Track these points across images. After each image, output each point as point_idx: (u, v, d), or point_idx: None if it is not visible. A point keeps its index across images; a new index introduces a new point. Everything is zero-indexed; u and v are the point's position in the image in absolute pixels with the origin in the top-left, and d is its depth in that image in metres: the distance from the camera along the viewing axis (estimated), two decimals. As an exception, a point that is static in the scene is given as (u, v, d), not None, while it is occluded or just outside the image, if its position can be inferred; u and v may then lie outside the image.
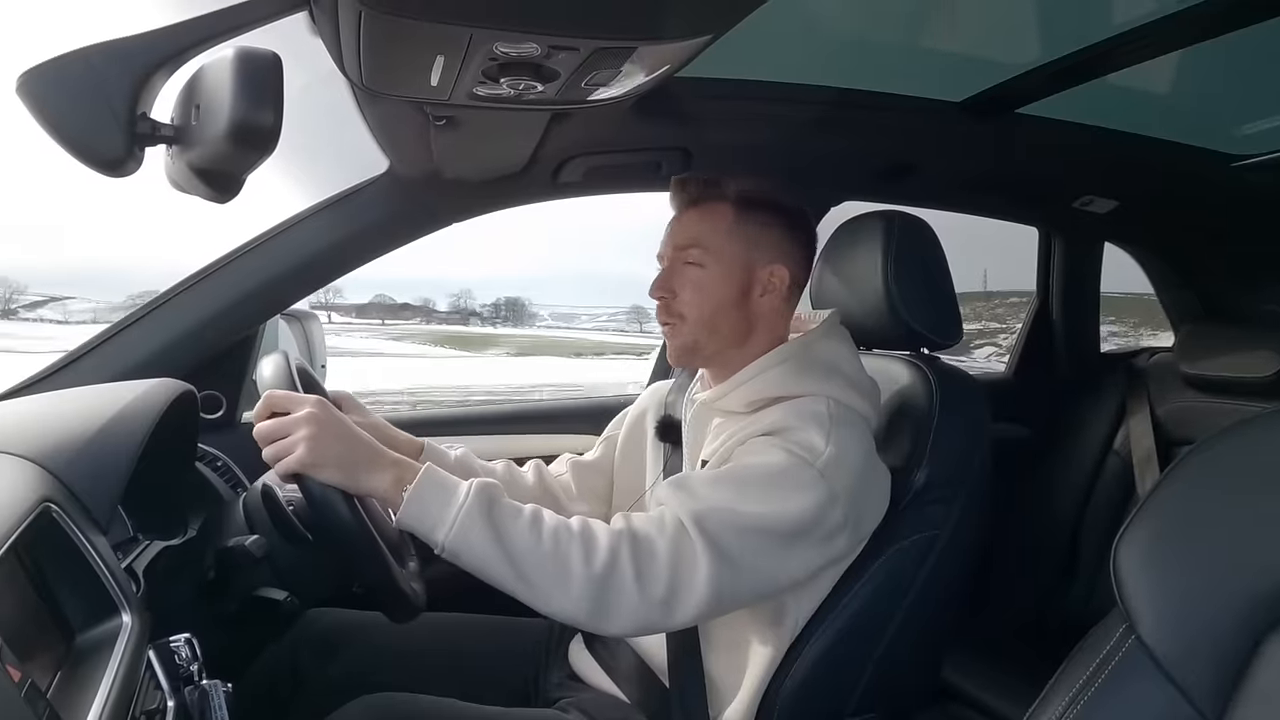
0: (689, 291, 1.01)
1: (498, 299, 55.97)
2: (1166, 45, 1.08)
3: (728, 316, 1.01)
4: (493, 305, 50.98)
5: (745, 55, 1.14)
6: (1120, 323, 7.34)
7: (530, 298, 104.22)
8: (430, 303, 47.67)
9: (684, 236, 1.03)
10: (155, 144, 0.69)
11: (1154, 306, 2.12)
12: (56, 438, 0.75)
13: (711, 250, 1.01)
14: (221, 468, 1.25)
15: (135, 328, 1.19)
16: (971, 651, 1.59)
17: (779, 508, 0.86)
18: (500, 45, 0.69)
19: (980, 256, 2.64)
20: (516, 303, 44.36)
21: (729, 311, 1.01)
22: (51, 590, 0.65)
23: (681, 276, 1.02)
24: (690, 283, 1.01)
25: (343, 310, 38.37)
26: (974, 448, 1.04)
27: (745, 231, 1.01)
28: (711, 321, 1.01)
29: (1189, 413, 1.71)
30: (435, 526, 0.79)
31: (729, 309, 1.01)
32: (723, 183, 1.03)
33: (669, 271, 1.03)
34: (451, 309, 47.56)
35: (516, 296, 39.26)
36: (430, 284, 73.52)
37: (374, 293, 40.70)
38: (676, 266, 1.02)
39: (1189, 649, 0.53)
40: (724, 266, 1.00)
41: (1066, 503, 1.82)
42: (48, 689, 0.56)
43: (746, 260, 1.01)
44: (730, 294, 1.01)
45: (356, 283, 44.69)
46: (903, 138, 1.40)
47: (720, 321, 1.01)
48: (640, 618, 0.82)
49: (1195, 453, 0.58)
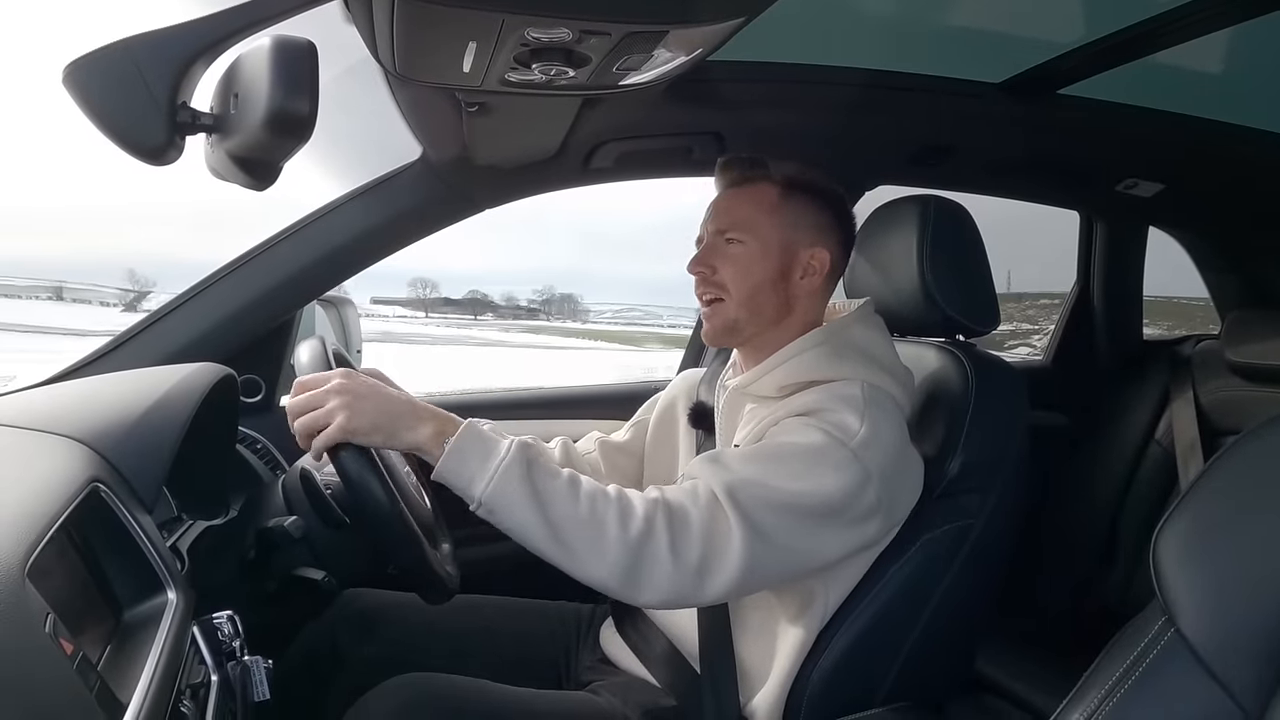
0: (729, 267, 1.00)
1: (548, 293, 55.82)
2: (1216, 22, 1.04)
3: (768, 296, 1.00)
4: (542, 300, 50.74)
5: (778, 37, 1.12)
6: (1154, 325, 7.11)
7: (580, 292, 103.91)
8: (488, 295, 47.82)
9: (727, 217, 1.02)
10: (195, 132, 0.71)
11: (1187, 309, 2.06)
12: (104, 420, 0.77)
13: (753, 229, 1.00)
14: (261, 450, 1.28)
15: (178, 313, 1.22)
16: (1005, 642, 1.57)
17: (812, 486, 0.85)
18: (532, 30, 0.69)
19: (1001, 259, 2.60)
20: (569, 298, 43.82)
21: (769, 291, 1.00)
22: (101, 567, 0.67)
23: (721, 253, 1.01)
24: (730, 259, 1.00)
25: (439, 306, 39.06)
26: (1010, 436, 1.03)
27: (788, 212, 1.00)
28: (752, 300, 1.00)
29: (1235, 401, 1.66)
30: (473, 480, 0.79)
31: (768, 288, 1.00)
32: (768, 165, 1.03)
33: (708, 248, 1.02)
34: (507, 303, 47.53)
35: (570, 292, 39.14)
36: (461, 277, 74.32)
37: (467, 288, 41.80)
38: (717, 243, 1.02)
39: (1230, 643, 0.52)
40: (764, 245, 1.00)
41: (1105, 492, 1.78)
42: (98, 662, 0.58)
43: (788, 241, 1.00)
44: (770, 273, 1.00)
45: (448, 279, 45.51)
46: (939, 120, 1.38)
47: (761, 300, 1.00)
48: (672, 587, 0.82)
49: (1241, 443, 0.57)
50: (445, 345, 18.59)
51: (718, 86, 1.21)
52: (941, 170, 1.53)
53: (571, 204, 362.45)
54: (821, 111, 1.31)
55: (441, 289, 40.83)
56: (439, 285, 34.91)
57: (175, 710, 0.62)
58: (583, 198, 17.32)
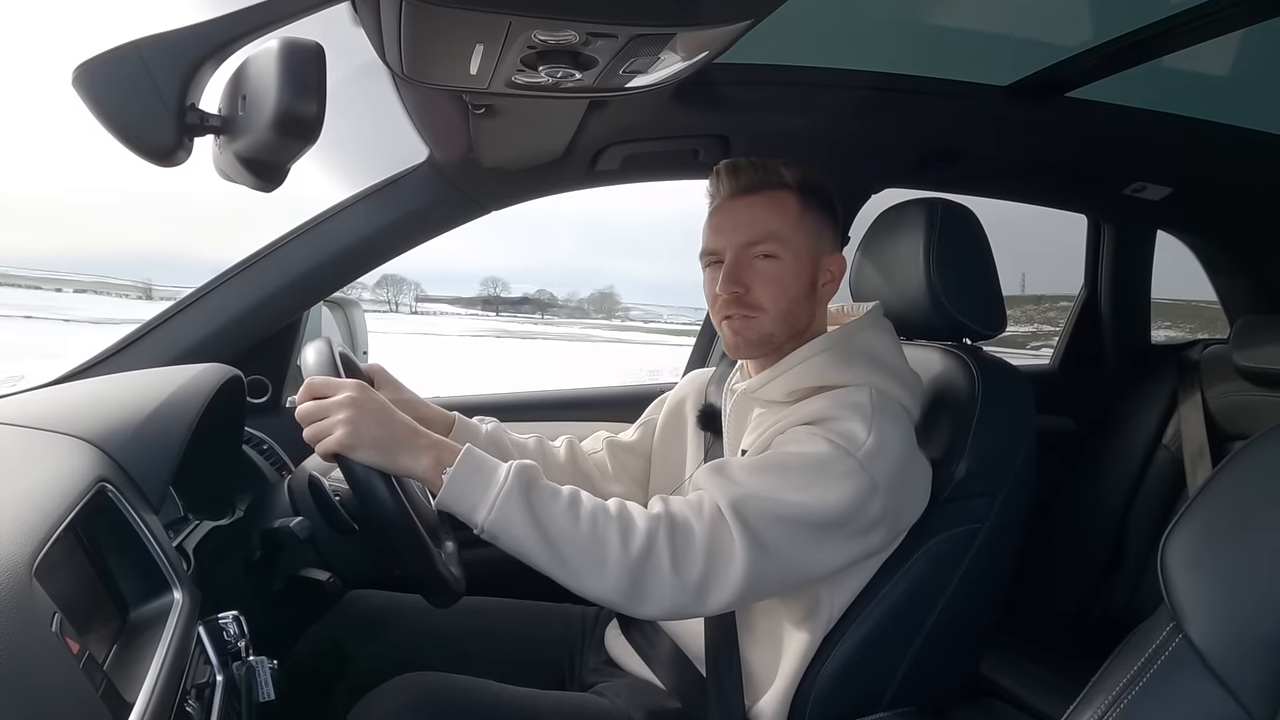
0: (765, 284, 0.97)
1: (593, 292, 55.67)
2: (1224, 27, 1.04)
3: (801, 308, 0.99)
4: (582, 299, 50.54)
5: (785, 40, 1.12)
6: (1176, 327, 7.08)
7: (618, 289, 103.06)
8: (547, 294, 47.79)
9: (752, 230, 0.97)
10: (204, 134, 0.71)
11: (1205, 312, 2.05)
12: (112, 420, 0.77)
13: (785, 241, 0.97)
14: (267, 451, 1.28)
15: (185, 314, 1.22)
16: (1011, 647, 1.56)
17: (818, 497, 0.85)
18: (539, 33, 0.69)
19: (1016, 261, 2.59)
20: (608, 295, 43.19)
21: (802, 303, 0.99)
22: (107, 567, 0.67)
23: (752, 269, 0.97)
24: (765, 275, 0.97)
25: (506, 305, 39.55)
26: (1017, 440, 1.02)
27: (810, 220, 0.99)
28: (789, 314, 0.98)
29: (1244, 406, 1.65)
30: (475, 508, 0.80)
31: (802, 301, 0.99)
32: (781, 169, 0.99)
33: (737, 264, 0.97)
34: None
35: (607, 289, 38.62)
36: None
37: (537, 287, 42.62)
38: (745, 259, 0.98)
39: (1238, 648, 0.52)
40: (796, 258, 0.98)
41: (1113, 497, 1.77)
42: (104, 661, 0.58)
43: (814, 251, 0.99)
44: (804, 286, 0.99)
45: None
46: (946, 123, 1.37)
47: (796, 313, 0.99)
48: (674, 602, 0.82)
49: (1250, 448, 0.56)
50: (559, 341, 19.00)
51: (724, 89, 1.21)
52: (948, 174, 1.52)
53: (574, 207, 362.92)
54: (828, 115, 1.30)
55: (511, 288, 41.53)
56: (509, 284, 35.95)
57: (180, 710, 0.62)
58: (585, 199, 17.42)
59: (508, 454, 1.09)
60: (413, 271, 19.50)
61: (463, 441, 0.86)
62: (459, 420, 1.09)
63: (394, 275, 41.85)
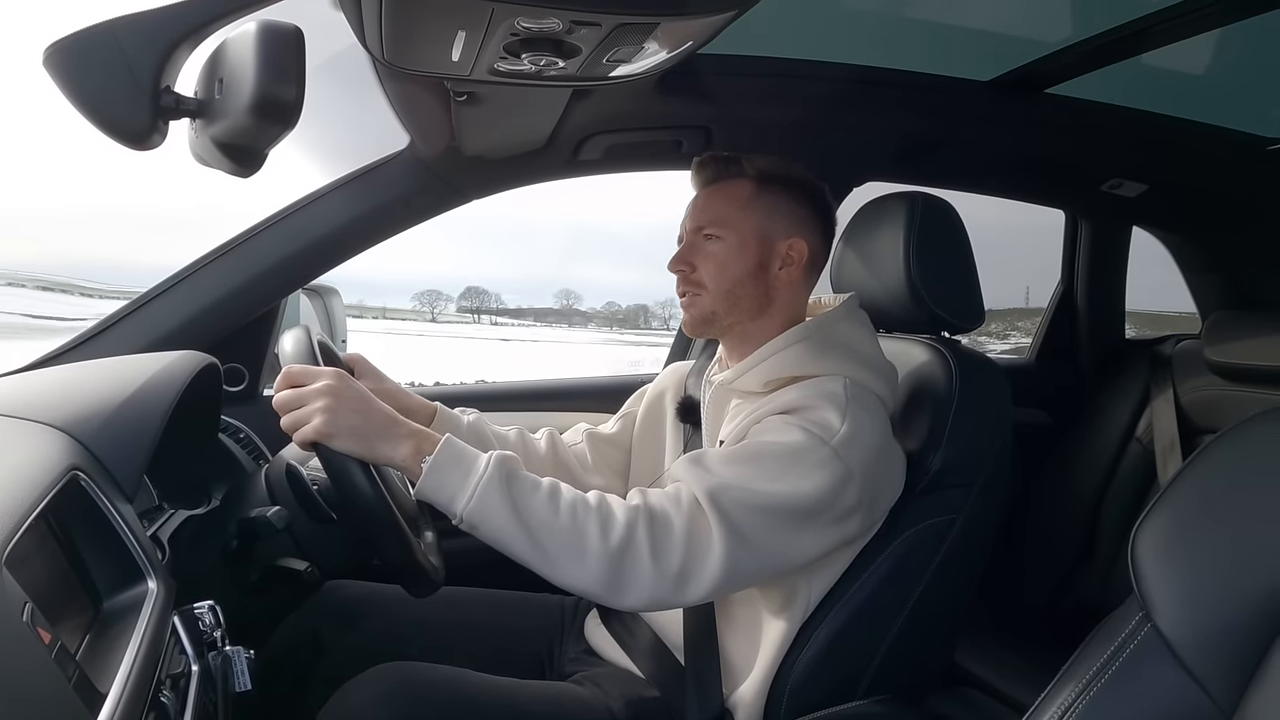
0: (707, 264, 1.01)
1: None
2: (1202, 25, 1.05)
3: (746, 288, 1.01)
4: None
5: (769, 31, 1.12)
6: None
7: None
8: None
9: (703, 215, 1.03)
10: (179, 117, 0.70)
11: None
12: (84, 407, 0.76)
13: (729, 223, 1.01)
14: (244, 439, 1.27)
15: (160, 300, 1.20)
16: (985, 636, 1.59)
17: (794, 486, 0.86)
18: (522, 20, 0.69)
19: (1021, 275, 2.63)
20: (646, 309, 42.14)
21: (747, 283, 1.01)
22: (80, 556, 0.66)
23: (699, 250, 1.02)
24: (708, 256, 1.02)
25: (580, 318, 39.39)
26: (993, 432, 1.03)
27: (763, 204, 1.01)
28: (731, 293, 1.01)
29: (1214, 401, 1.68)
30: (454, 498, 0.80)
31: (747, 281, 1.01)
32: (743, 161, 1.03)
33: (688, 246, 1.03)
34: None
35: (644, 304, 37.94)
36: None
37: (605, 300, 42.61)
38: (695, 241, 1.03)
39: (1205, 638, 0.53)
40: (741, 238, 1.01)
41: (1086, 489, 1.80)
42: (77, 651, 0.58)
43: (764, 232, 1.01)
44: (748, 266, 1.01)
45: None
46: (928, 117, 1.38)
47: (740, 293, 1.01)
48: (654, 593, 0.83)
49: (1219, 441, 0.58)
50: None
51: (708, 80, 1.21)
52: (929, 167, 1.53)
53: (560, 201, 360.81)
54: (811, 107, 1.31)
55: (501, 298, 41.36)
56: (501, 296, 36.27)
57: (155, 700, 0.61)
58: (573, 199, 17.57)
59: (489, 445, 1.09)
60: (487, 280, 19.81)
61: (443, 432, 0.86)
62: (440, 411, 1.09)
63: (477, 287, 41.97)
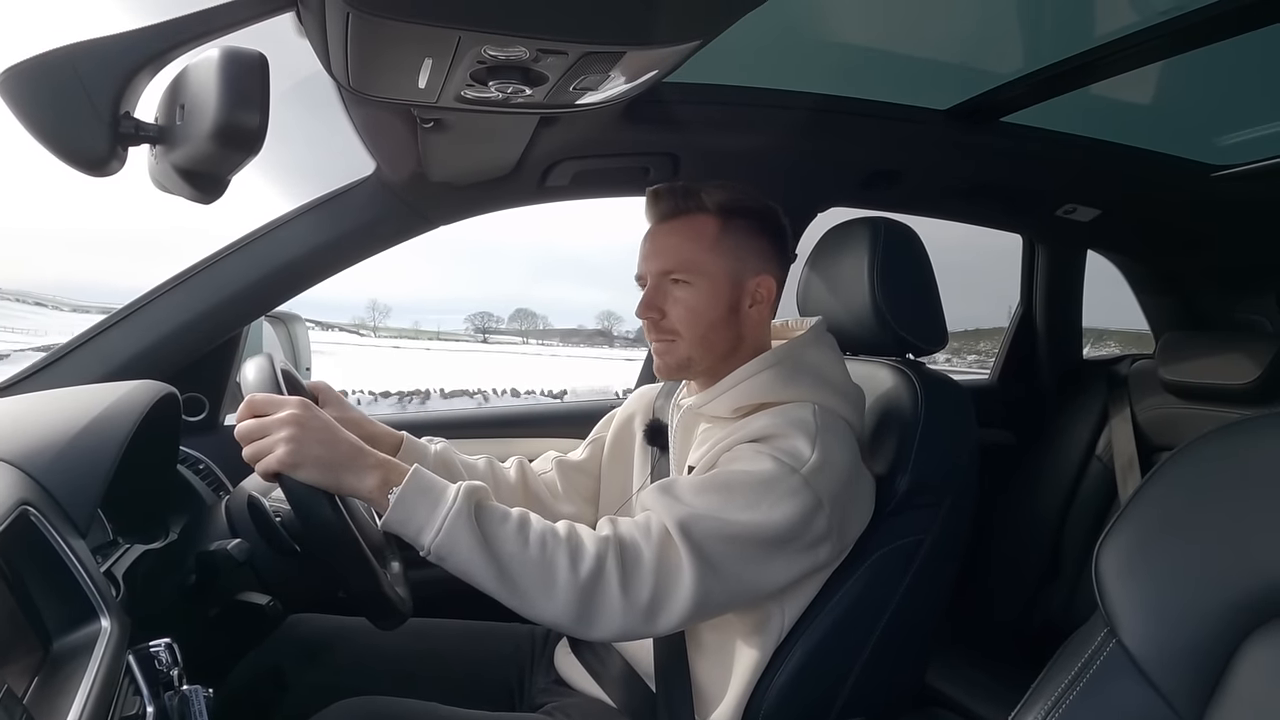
0: (678, 310, 0.99)
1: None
2: (1148, 56, 1.10)
3: (720, 333, 1.00)
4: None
5: (733, 61, 1.14)
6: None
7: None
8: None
9: (670, 257, 0.99)
10: (138, 144, 0.69)
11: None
12: (35, 439, 0.74)
13: (698, 267, 0.98)
14: (204, 471, 1.24)
15: (117, 329, 1.18)
16: (955, 656, 1.60)
17: (764, 516, 0.86)
18: (489, 48, 0.69)
19: (1002, 296, 2.69)
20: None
21: (720, 327, 0.99)
22: (29, 595, 0.64)
23: (669, 296, 0.99)
24: (678, 301, 0.99)
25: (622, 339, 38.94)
26: (959, 453, 1.05)
27: (729, 244, 0.99)
28: (705, 339, 0.99)
29: (1170, 419, 1.73)
30: (422, 530, 0.79)
31: (721, 326, 0.99)
32: (701, 193, 1.00)
33: (656, 291, 1.00)
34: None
35: None
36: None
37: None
38: (663, 285, 1.00)
39: (1168, 652, 0.54)
40: (712, 283, 0.98)
41: (1049, 508, 1.83)
42: (24, 695, 0.55)
43: (734, 274, 0.99)
44: (721, 310, 0.99)
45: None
46: (888, 144, 1.41)
47: (714, 338, 1.00)
48: (624, 624, 0.82)
49: (1175, 458, 0.59)
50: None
51: (673, 108, 1.22)
52: (891, 193, 1.56)
53: (526, 228, 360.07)
54: (774, 134, 1.33)
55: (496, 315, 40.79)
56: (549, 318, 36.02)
57: (108, 744, 0.59)
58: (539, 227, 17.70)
59: (457, 475, 1.07)
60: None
61: (411, 462, 0.84)
62: (407, 440, 1.07)
63: (526, 309, 42.01)
